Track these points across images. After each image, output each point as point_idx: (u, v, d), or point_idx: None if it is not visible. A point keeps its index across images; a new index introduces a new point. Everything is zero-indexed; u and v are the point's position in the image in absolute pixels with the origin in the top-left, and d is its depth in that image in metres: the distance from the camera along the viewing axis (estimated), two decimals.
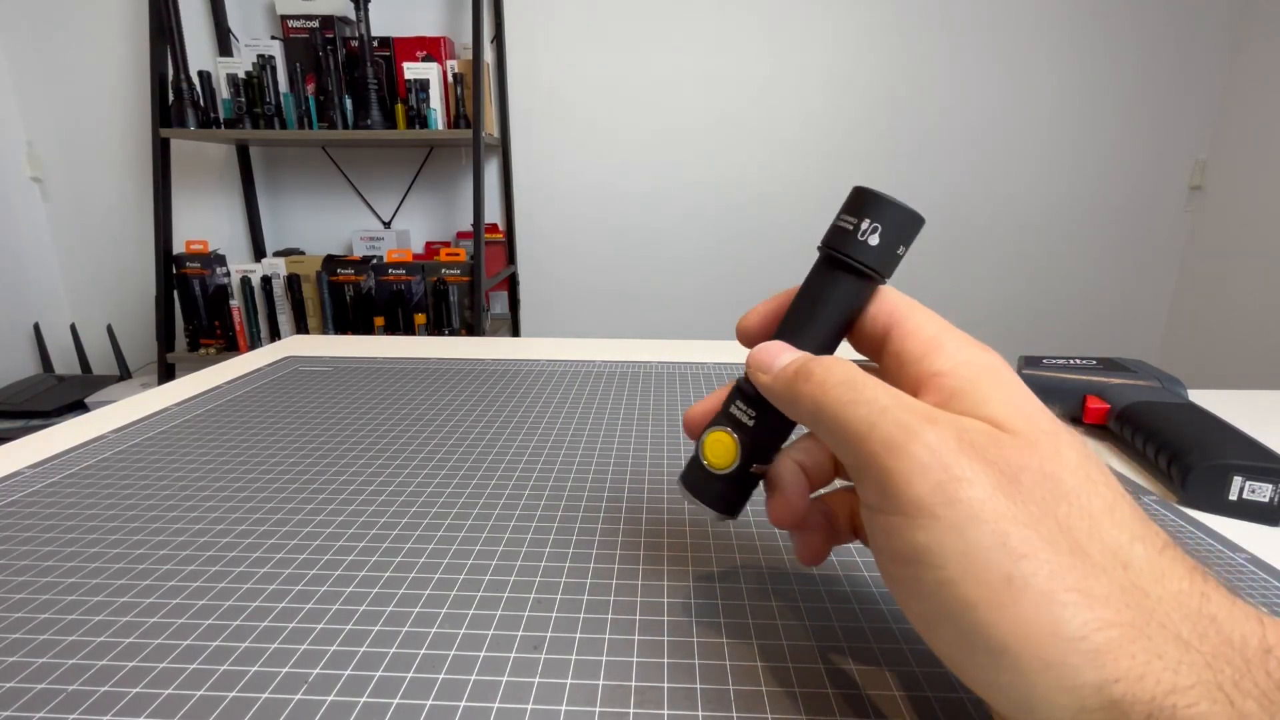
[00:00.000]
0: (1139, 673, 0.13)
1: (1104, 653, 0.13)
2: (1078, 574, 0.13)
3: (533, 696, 0.20)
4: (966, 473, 0.14)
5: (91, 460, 0.37)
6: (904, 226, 0.19)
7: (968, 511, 0.14)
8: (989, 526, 0.14)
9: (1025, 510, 0.14)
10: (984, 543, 0.14)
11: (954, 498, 0.14)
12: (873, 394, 0.16)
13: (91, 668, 0.21)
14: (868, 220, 0.19)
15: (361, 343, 0.65)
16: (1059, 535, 0.14)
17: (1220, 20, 1.83)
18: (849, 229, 0.19)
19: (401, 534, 0.29)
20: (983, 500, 0.14)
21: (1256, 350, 1.79)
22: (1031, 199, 1.98)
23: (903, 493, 0.15)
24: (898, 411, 0.16)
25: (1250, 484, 0.31)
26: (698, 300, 2.08)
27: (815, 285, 0.20)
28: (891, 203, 0.19)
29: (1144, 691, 0.12)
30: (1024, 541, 0.14)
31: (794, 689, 0.20)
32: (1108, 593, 0.13)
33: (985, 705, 0.18)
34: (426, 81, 1.64)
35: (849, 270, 0.19)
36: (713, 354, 0.60)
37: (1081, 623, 0.13)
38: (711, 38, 1.87)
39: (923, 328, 0.18)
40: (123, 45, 1.87)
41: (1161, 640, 0.13)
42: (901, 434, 0.15)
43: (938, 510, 0.14)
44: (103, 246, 2.04)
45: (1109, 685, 0.13)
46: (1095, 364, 0.44)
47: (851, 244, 0.19)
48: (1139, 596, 0.13)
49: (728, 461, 0.21)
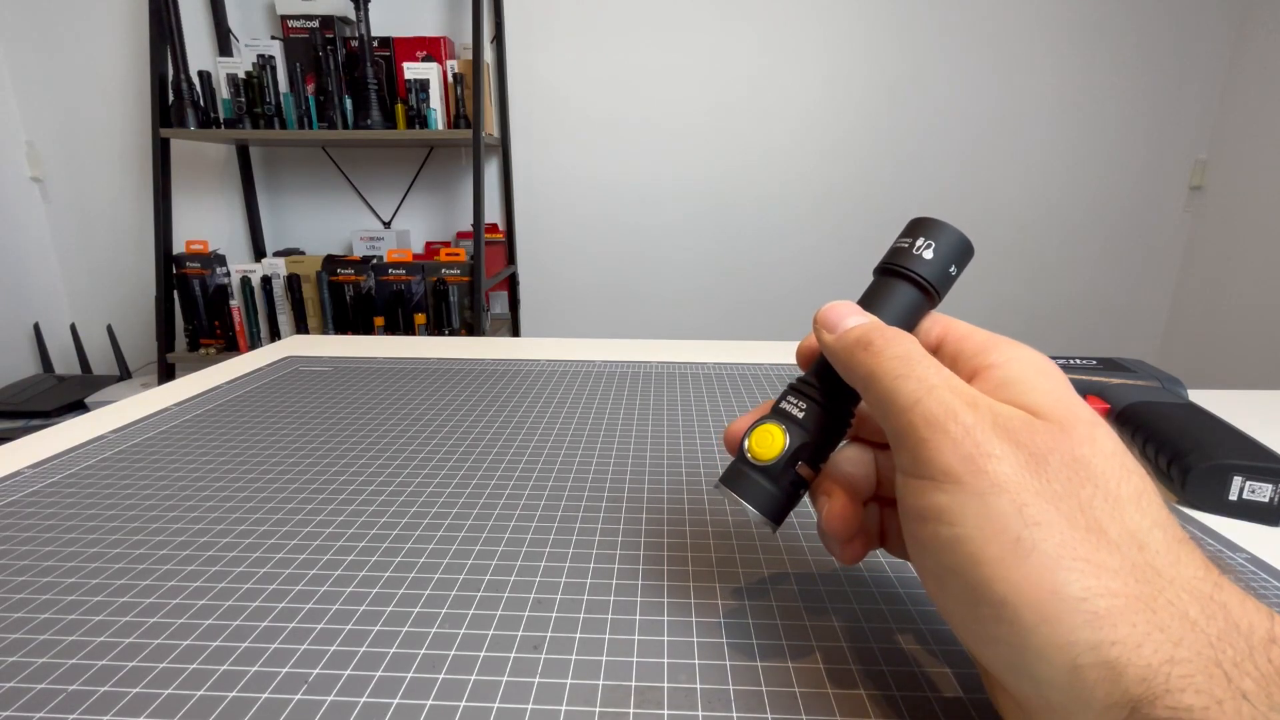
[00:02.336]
0: (1138, 640, 0.13)
1: (1103, 616, 0.13)
2: (1089, 547, 0.14)
3: (533, 696, 0.20)
4: (995, 450, 0.16)
5: (91, 460, 0.37)
6: (955, 248, 0.20)
7: (991, 481, 0.15)
8: (1009, 496, 0.15)
9: (1048, 487, 0.15)
10: (1001, 508, 0.15)
11: (981, 469, 0.15)
12: (924, 371, 0.17)
13: (91, 668, 0.21)
14: (922, 239, 0.20)
15: (361, 343, 0.65)
16: (1078, 513, 0.15)
17: (1220, 20, 1.83)
18: (905, 247, 0.20)
19: (401, 534, 0.29)
20: (1007, 474, 0.15)
21: (1256, 350, 1.79)
22: (1031, 199, 1.98)
23: (935, 461, 0.16)
24: (943, 391, 0.17)
25: (1250, 484, 0.31)
26: (698, 300, 2.08)
27: (871, 303, 0.21)
28: (944, 225, 0.20)
29: (1140, 658, 0.13)
30: (1040, 512, 0.15)
31: (794, 689, 0.20)
32: (1118, 566, 0.14)
33: (982, 675, 0.18)
34: (426, 81, 1.64)
35: (905, 279, 0.20)
36: (713, 354, 0.60)
37: (1084, 587, 0.14)
38: (711, 38, 1.87)
39: (976, 334, 0.20)
40: (123, 45, 1.87)
41: (1167, 615, 0.13)
42: (942, 411, 0.16)
43: (964, 478, 0.15)
44: (103, 246, 2.04)
45: (1105, 646, 0.13)
46: (1095, 364, 0.44)
47: (907, 258, 0.20)
48: (1150, 574, 0.14)
49: (773, 453, 0.20)
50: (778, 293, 2.07)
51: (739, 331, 2.09)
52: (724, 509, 0.31)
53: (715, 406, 0.46)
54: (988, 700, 0.19)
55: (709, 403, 0.46)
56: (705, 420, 0.43)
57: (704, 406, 0.46)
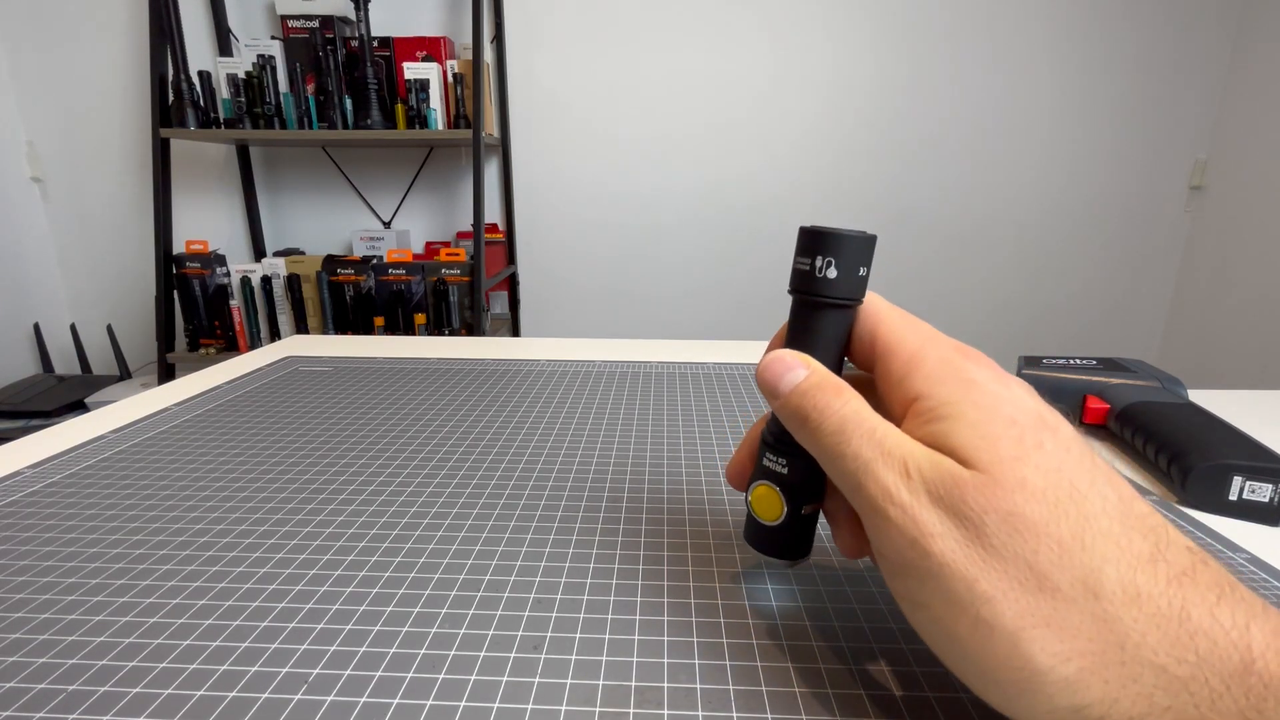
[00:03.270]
0: (1113, 697, 0.13)
1: (1074, 681, 0.14)
2: (1046, 610, 0.14)
3: (533, 696, 0.20)
4: (936, 528, 0.16)
5: (91, 460, 0.37)
6: (857, 251, 0.19)
7: (938, 562, 0.15)
8: (958, 574, 0.15)
9: (992, 555, 0.15)
10: (955, 589, 0.15)
11: (926, 552, 0.16)
12: (857, 447, 0.18)
13: (91, 668, 0.21)
14: (820, 257, 0.19)
15: (361, 343, 0.65)
16: (1027, 574, 0.15)
17: (1220, 20, 1.83)
18: (806, 269, 0.20)
19: (401, 534, 0.29)
20: (952, 551, 0.15)
21: (1256, 350, 1.79)
22: (1032, 199, 1.98)
23: (888, 548, 0.17)
24: (876, 466, 0.17)
25: (1250, 484, 0.31)
26: (698, 300, 2.08)
27: (797, 326, 0.21)
28: (837, 234, 0.19)
29: (1119, 714, 0.13)
30: (991, 586, 0.15)
31: (794, 689, 0.20)
32: (1078, 624, 0.14)
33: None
34: (426, 81, 1.64)
35: (821, 306, 0.20)
36: (713, 354, 0.60)
37: (1050, 654, 0.14)
38: (712, 38, 1.87)
39: (904, 343, 0.19)
40: (123, 45, 1.87)
41: (1136, 666, 0.13)
42: (879, 493, 0.17)
43: (915, 564, 0.16)
44: (103, 246, 2.04)
45: (1083, 710, 0.14)
46: (1095, 364, 0.44)
47: (813, 282, 0.20)
48: (1111, 624, 0.14)
49: (776, 514, 0.22)
50: (778, 292, 2.07)
51: (739, 331, 2.09)
52: (724, 509, 0.31)
53: (715, 406, 0.46)
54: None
55: (709, 403, 0.46)
56: (705, 420, 0.43)
57: (704, 406, 0.46)
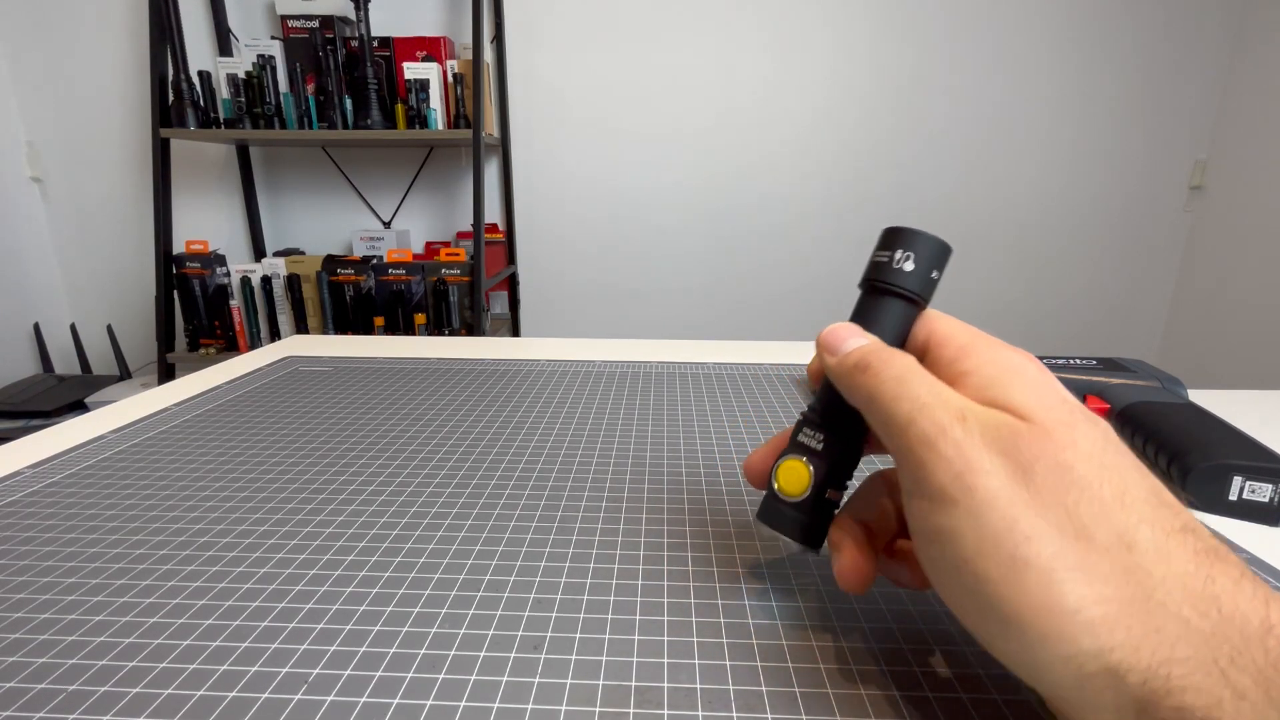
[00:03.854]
0: (1135, 644, 0.13)
1: (1099, 624, 0.14)
2: (1079, 555, 0.15)
3: (533, 696, 0.20)
4: (985, 465, 0.16)
5: (91, 460, 0.37)
6: (934, 253, 0.21)
7: (983, 498, 0.16)
8: (1000, 512, 0.15)
9: (1036, 498, 0.15)
10: (995, 526, 0.15)
11: (971, 486, 0.16)
12: (915, 391, 0.18)
13: (91, 668, 0.21)
14: (900, 250, 0.21)
15: (361, 343, 0.65)
16: (1066, 521, 0.15)
17: (1220, 20, 1.83)
18: (885, 261, 0.21)
19: (401, 534, 0.29)
20: (997, 489, 0.16)
21: (1256, 350, 1.79)
22: (1032, 199, 1.98)
23: (930, 481, 0.17)
24: (934, 409, 0.17)
25: (1250, 484, 0.31)
26: (698, 300, 2.08)
27: (860, 316, 0.21)
28: (919, 232, 0.20)
29: (1139, 661, 0.13)
30: (1031, 526, 0.15)
31: (794, 689, 0.20)
32: (1108, 572, 0.14)
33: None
34: (426, 81, 1.64)
35: (892, 294, 0.21)
36: (713, 354, 0.60)
37: (1078, 597, 0.14)
38: (712, 37, 1.87)
39: (957, 335, 0.20)
40: (123, 45, 1.87)
41: (1160, 616, 0.14)
42: (934, 430, 0.17)
43: (957, 497, 0.16)
44: (103, 246, 2.04)
45: (1105, 653, 0.14)
46: (1095, 364, 0.44)
47: (888, 272, 0.21)
48: (1141, 576, 0.14)
49: (801, 488, 0.21)
50: (778, 293, 2.07)
51: (739, 331, 2.09)
52: (724, 509, 0.31)
53: (715, 406, 0.46)
54: (988, 700, 0.19)
55: (709, 403, 0.46)
56: (705, 420, 0.43)
57: (704, 406, 0.46)
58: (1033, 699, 0.19)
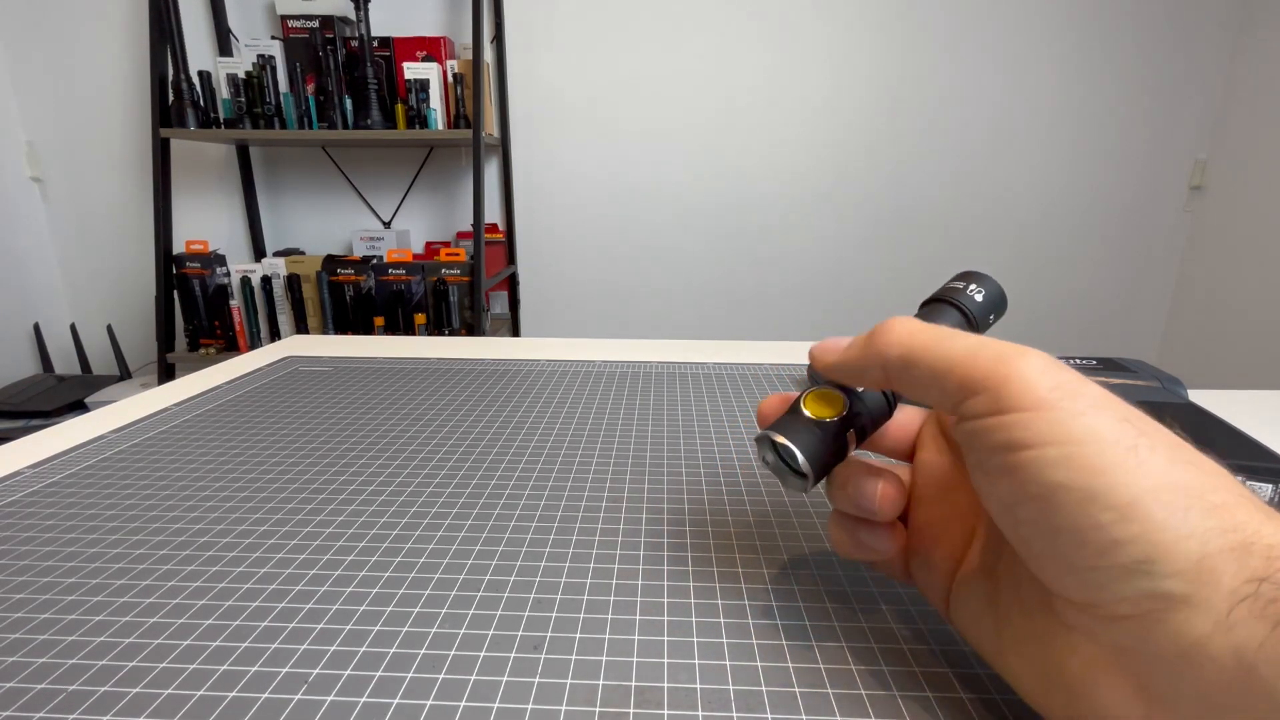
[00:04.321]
0: (1256, 526, 0.14)
1: (1221, 508, 0.14)
2: (1188, 453, 0.15)
3: (533, 696, 0.20)
4: (1077, 382, 0.16)
5: (91, 460, 0.37)
6: (998, 299, 0.23)
7: (1090, 403, 0.16)
8: (1110, 413, 0.15)
9: (1130, 407, 0.16)
10: (1108, 422, 0.15)
11: (1076, 393, 0.16)
12: (964, 335, 0.18)
13: (91, 668, 0.21)
14: (974, 285, 0.23)
15: (361, 343, 0.65)
16: (1161, 430, 0.16)
17: (1220, 20, 1.83)
18: (958, 288, 0.23)
19: (401, 534, 0.29)
20: (1101, 397, 0.16)
21: (1256, 350, 1.79)
22: (1031, 199, 1.98)
23: (1025, 393, 0.16)
24: (995, 344, 0.17)
25: (1250, 484, 0.31)
26: (698, 300, 2.08)
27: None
28: (990, 277, 0.23)
29: (1262, 538, 0.14)
30: (1144, 422, 0.16)
31: (794, 689, 0.20)
32: (1217, 471, 0.15)
33: (1008, 672, 0.18)
34: (426, 81, 1.64)
35: (956, 308, 0.23)
36: (713, 354, 0.60)
37: (1200, 484, 0.14)
38: (712, 37, 1.87)
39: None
40: (123, 45, 1.87)
41: (1268, 511, 0.14)
42: (1012, 350, 0.17)
43: (1061, 403, 0.16)
44: (103, 246, 2.04)
45: (1229, 531, 0.14)
46: (1095, 364, 0.44)
47: (959, 295, 0.23)
48: (1242, 489, 0.15)
49: (834, 411, 0.21)
50: (779, 293, 2.07)
51: (739, 331, 2.09)
52: (724, 509, 0.31)
53: (715, 406, 0.46)
54: (987, 700, 0.19)
55: (709, 403, 0.46)
56: (705, 420, 0.43)
57: (704, 406, 0.46)
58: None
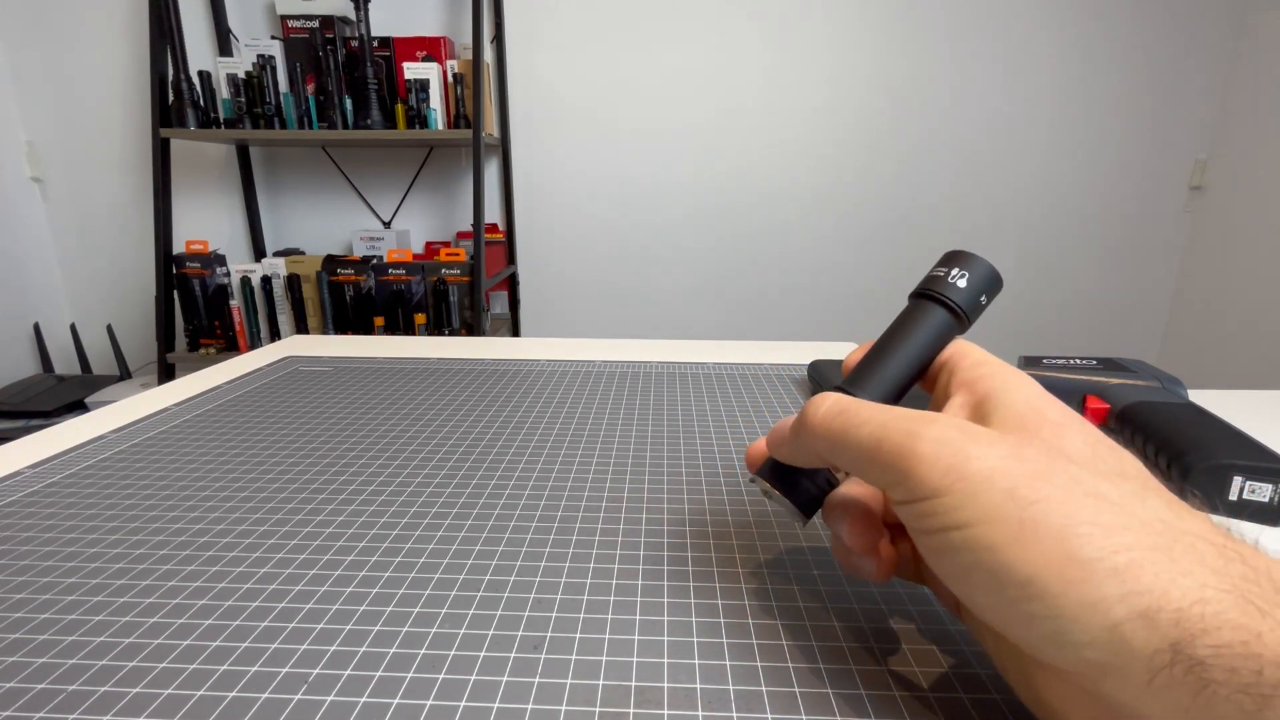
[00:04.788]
0: (1163, 587, 0.13)
1: (1124, 570, 0.14)
2: (1092, 511, 0.14)
3: (533, 696, 0.20)
4: (973, 451, 0.16)
5: (91, 460, 0.37)
6: (986, 278, 0.22)
7: (978, 479, 0.16)
8: (999, 485, 0.15)
9: (1034, 466, 0.16)
10: (995, 499, 0.15)
11: (965, 473, 0.16)
12: (868, 413, 0.19)
13: (91, 668, 0.21)
14: (957, 269, 0.22)
15: (361, 343, 0.65)
16: (1073, 484, 0.15)
17: (1221, 20, 1.83)
18: (941, 275, 0.22)
19: (401, 534, 0.29)
20: (992, 468, 0.16)
21: (1256, 350, 1.79)
22: (1031, 199, 1.98)
23: (922, 485, 0.17)
24: (897, 421, 0.18)
25: (1250, 484, 0.31)
26: (698, 300, 2.08)
27: (903, 326, 0.22)
28: (976, 257, 0.22)
29: (1170, 602, 0.13)
30: (1033, 490, 0.15)
31: (794, 689, 0.20)
32: (1126, 524, 0.14)
33: (1006, 670, 0.18)
34: (426, 81, 1.64)
35: (939, 304, 0.22)
36: (713, 354, 0.60)
37: (1098, 547, 0.14)
38: (712, 37, 1.87)
39: (976, 354, 0.21)
40: (123, 45, 1.87)
41: (1187, 562, 0.13)
42: (907, 439, 0.17)
43: (953, 487, 0.16)
44: (103, 246, 2.04)
45: (1133, 597, 0.13)
46: (1095, 364, 0.44)
47: (942, 285, 0.22)
48: (1160, 528, 0.14)
49: None
50: (778, 293, 2.07)
51: (739, 331, 2.09)
52: (724, 509, 0.31)
53: (716, 406, 0.46)
54: (988, 700, 0.19)
55: (709, 403, 0.46)
56: (705, 420, 0.43)
57: (704, 406, 0.46)
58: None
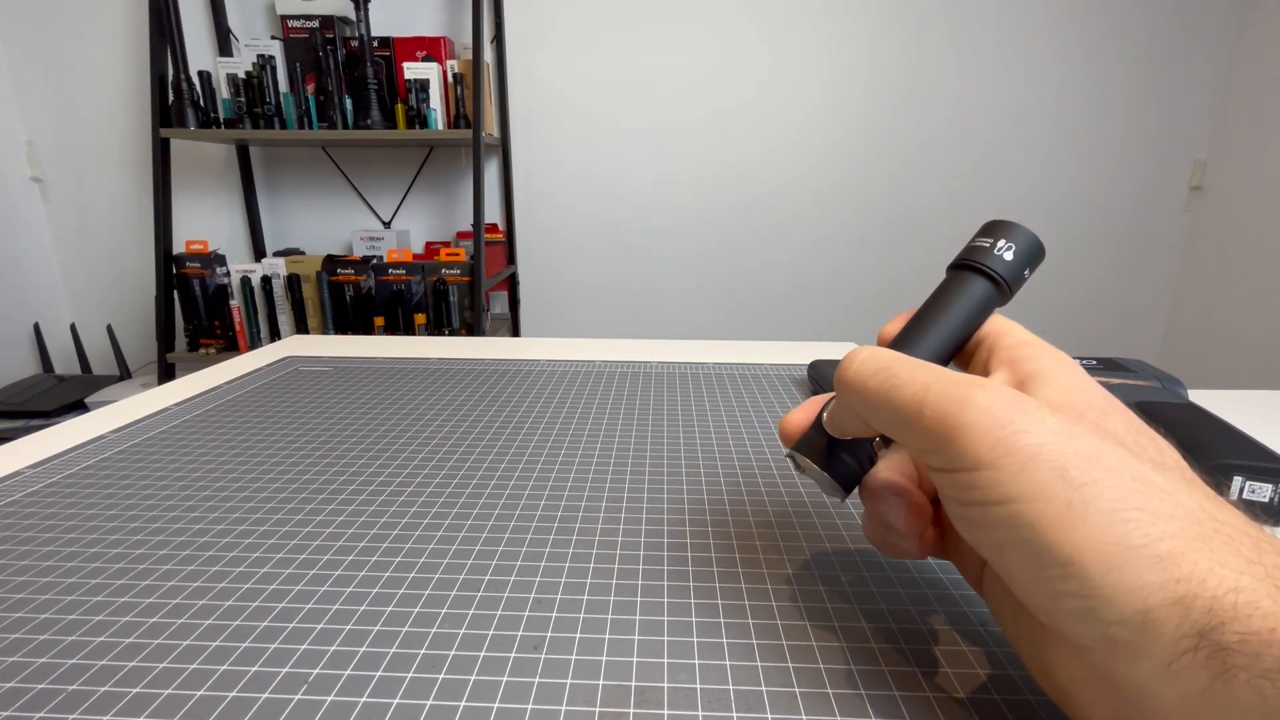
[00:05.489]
0: (1201, 576, 0.13)
1: (1166, 558, 0.14)
2: (1140, 497, 0.14)
3: (533, 696, 0.20)
4: (1022, 424, 0.16)
5: (91, 460, 0.37)
6: (1032, 250, 0.21)
7: (1027, 455, 0.15)
8: (1047, 463, 0.15)
9: (1084, 446, 0.15)
10: (1043, 479, 0.15)
11: (1012, 448, 0.15)
12: (911, 374, 0.18)
13: (91, 668, 0.21)
14: (1003, 240, 0.21)
15: (361, 343, 0.65)
16: (1121, 468, 0.15)
17: (1220, 20, 1.83)
18: (986, 246, 0.21)
19: (401, 534, 0.29)
20: (1040, 443, 0.15)
21: (1256, 350, 1.79)
22: (1032, 199, 1.98)
23: (966, 456, 0.16)
24: (942, 385, 0.17)
25: (1250, 484, 0.31)
26: (698, 299, 2.08)
27: (945, 298, 0.21)
28: (1021, 227, 0.21)
29: (1206, 590, 0.13)
30: (1083, 472, 0.15)
31: (794, 689, 0.20)
32: (1171, 512, 0.14)
33: (1021, 646, 0.18)
34: (426, 81, 1.64)
35: (985, 276, 0.21)
36: (713, 354, 0.60)
37: (1144, 534, 0.14)
38: (712, 37, 1.87)
39: (1019, 332, 0.20)
40: (123, 45, 1.87)
41: (1224, 552, 0.14)
42: (953, 405, 0.16)
43: (999, 462, 0.15)
44: (103, 246, 2.04)
45: (1171, 585, 0.14)
46: (1095, 364, 0.44)
47: (987, 256, 0.21)
48: (1203, 517, 0.14)
49: None
50: (778, 293, 2.07)
51: (739, 331, 2.09)
52: (724, 509, 0.31)
53: (715, 406, 0.46)
54: (988, 700, 0.19)
55: (709, 403, 0.46)
56: (705, 420, 0.43)
57: (704, 406, 0.46)
58: (1035, 701, 0.19)
